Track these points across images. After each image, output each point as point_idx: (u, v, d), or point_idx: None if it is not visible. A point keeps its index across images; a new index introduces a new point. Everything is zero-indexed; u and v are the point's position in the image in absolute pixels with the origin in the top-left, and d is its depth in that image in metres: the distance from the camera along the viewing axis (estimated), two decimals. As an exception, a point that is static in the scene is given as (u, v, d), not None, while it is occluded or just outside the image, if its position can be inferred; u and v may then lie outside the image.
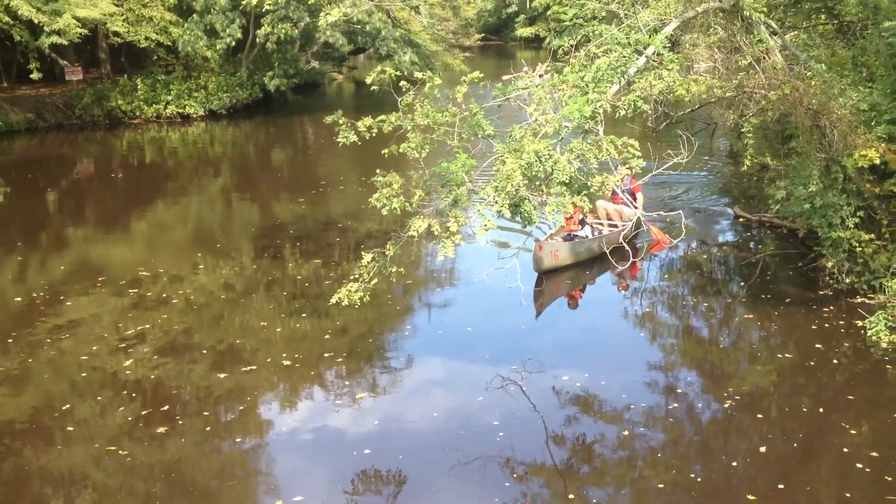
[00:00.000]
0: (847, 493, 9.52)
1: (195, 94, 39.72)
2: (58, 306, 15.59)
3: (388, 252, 12.50)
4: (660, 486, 9.76)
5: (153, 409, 11.75)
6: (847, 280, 14.83)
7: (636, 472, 10.16)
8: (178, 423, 11.40)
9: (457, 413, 11.66)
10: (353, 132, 12.55)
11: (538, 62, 25.89)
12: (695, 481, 9.83)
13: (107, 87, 38.76)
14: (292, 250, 19.27)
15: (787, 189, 15.25)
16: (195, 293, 16.28)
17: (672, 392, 12.11)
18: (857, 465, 9.97)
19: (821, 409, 11.41)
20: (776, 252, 17.82)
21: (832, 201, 14.31)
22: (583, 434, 10.99)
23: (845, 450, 10.34)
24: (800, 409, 11.46)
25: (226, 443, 11.10)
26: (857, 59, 16.18)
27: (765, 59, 14.68)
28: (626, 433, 10.96)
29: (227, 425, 11.53)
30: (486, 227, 12.03)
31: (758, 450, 10.47)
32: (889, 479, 9.62)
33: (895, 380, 12.23)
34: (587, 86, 12.89)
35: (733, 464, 10.20)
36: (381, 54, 42.17)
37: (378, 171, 12.41)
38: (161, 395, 12.22)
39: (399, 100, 12.62)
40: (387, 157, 12.72)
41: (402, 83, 12.65)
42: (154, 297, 16.08)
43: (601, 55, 13.50)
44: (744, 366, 13.18)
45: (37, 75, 34.14)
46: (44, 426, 11.43)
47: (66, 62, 37.88)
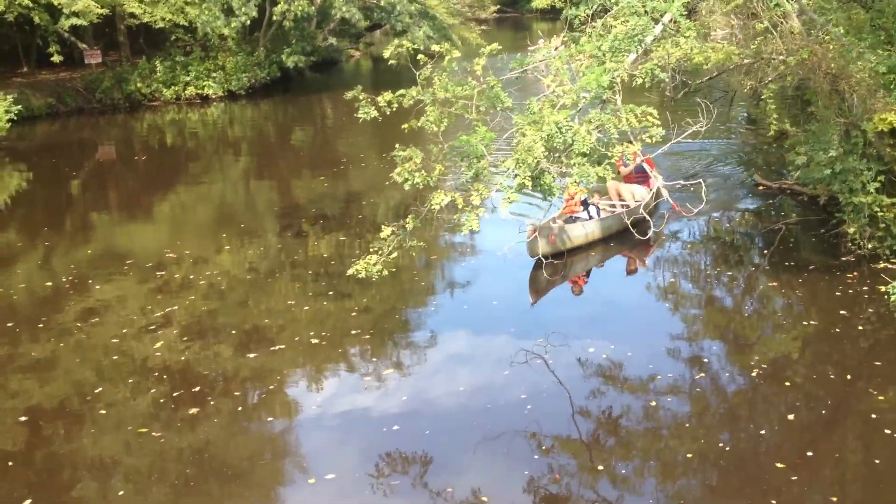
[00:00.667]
0: (876, 460, 9.54)
1: (213, 74, 39.72)
2: (85, 291, 15.74)
3: (408, 225, 12.53)
4: (688, 455, 9.80)
5: (182, 392, 11.88)
6: (869, 245, 14.75)
7: (663, 443, 10.20)
8: (207, 404, 11.51)
9: (483, 388, 11.73)
10: (374, 107, 12.58)
11: (554, 34, 25.76)
12: (723, 450, 9.87)
13: (126, 69, 38.83)
14: (315, 229, 19.36)
15: (807, 155, 15.18)
16: (220, 274, 16.40)
17: (697, 362, 12.13)
18: (886, 431, 9.96)
19: (847, 376, 11.40)
20: (798, 219, 17.76)
21: (852, 166, 14.22)
22: (609, 406, 11.04)
23: (873, 416, 10.34)
24: (826, 376, 11.47)
25: (255, 423, 11.23)
26: (875, 22, 16.00)
27: (782, 24, 14.59)
28: (652, 404, 11.00)
29: (256, 406, 11.65)
30: (509, 199, 12.05)
31: (785, 418, 10.51)
32: (917, 444, 9.64)
33: (920, 344, 12.22)
34: (604, 55, 12.84)
35: (761, 432, 10.22)
36: (398, 29, 42.04)
37: (398, 146, 12.44)
38: (189, 377, 12.34)
39: (417, 74, 12.62)
40: (406, 132, 12.73)
41: (420, 57, 12.65)
42: (180, 279, 16.21)
43: (618, 24, 13.43)
44: (768, 334, 13.18)
45: (57, 58, 34.21)
46: (74, 411, 11.57)
47: (85, 45, 37.95)
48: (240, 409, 11.50)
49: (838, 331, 12.70)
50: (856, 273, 14.39)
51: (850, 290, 13.84)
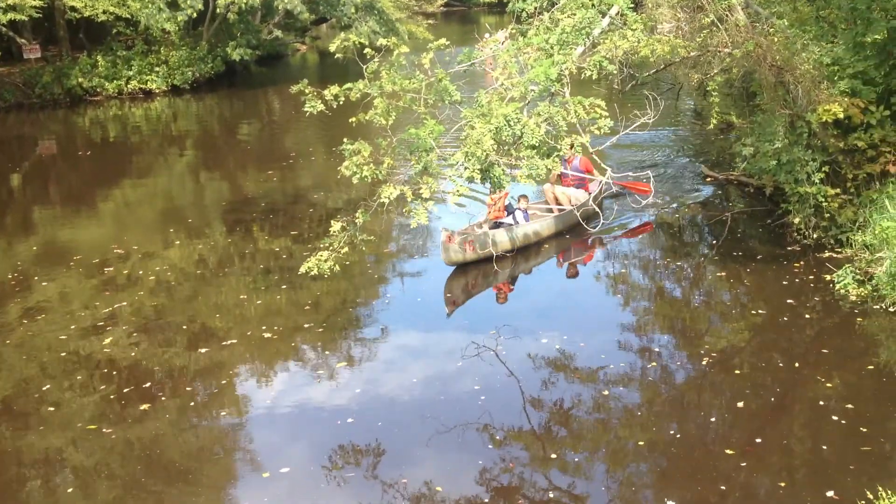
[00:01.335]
0: (823, 446, 9.67)
1: (156, 69, 39.18)
2: (29, 288, 15.45)
3: (357, 220, 12.50)
4: (639, 443, 9.89)
5: (131, 389, 11.71)
6: (814, 235, 14.97)
7: (614, 432, 10.26)
8: (157, 401, 11.36)
9: (435, 380, 11.72)
10: (320, 101, 12.50)
11: (499, 29, 25.81)
12: (673, 438, 9.95)
13: (66, 64, 38.13)
14: (264, 224, 19.19)
15: (752, 146, 15.35)
16: (168, 271, 16.17)
17: (648, 352, 12.22)
18: (833, 418, 10.11)
19: (796, 364, 11.56)
20: (744, 210, 17.97)
21: (797, 157, 14.41)
22: (561, 397, 11.07)
23: (821, 402, 10.49)
24: (774, 364, 11.61)
25: (206, 419, 11.11)
26: (819, 14, 16.22)
27: (728, 17, 14.71)
28: (605, 393, 11.09)
29: (207, 402, 11.51)
30: (458, 192, 12.05)
31: (734, 405, 10.62)
32: (864, 430, 9.77)
33: (864, 332, 12.41)
34: (552, 48, 12.88)
35: (711, 420, 10.35)
36: (344, 23, 41.80)
37: (346, 140, 12.37)
38: (138, 373, 12.16)
39: (364, 67, 12.56)
40: (354, 126, 12.69)
41: (367, 51, 12.59)
42: (126, 276, 15.97)
43: (564, 17, 13.47)
44: (717, 324, 13.32)
45: (-5, 53, 33.63)
46: (19, 409, 11.35)
47: (23, 40, 37.27)
48: (191, 404, 11.37)
49: (786, 319, 12.85)
50: (802, 262, 14.59)
51: (797, 280, 14.03)
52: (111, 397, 11.52)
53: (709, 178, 20.40)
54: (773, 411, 10.58)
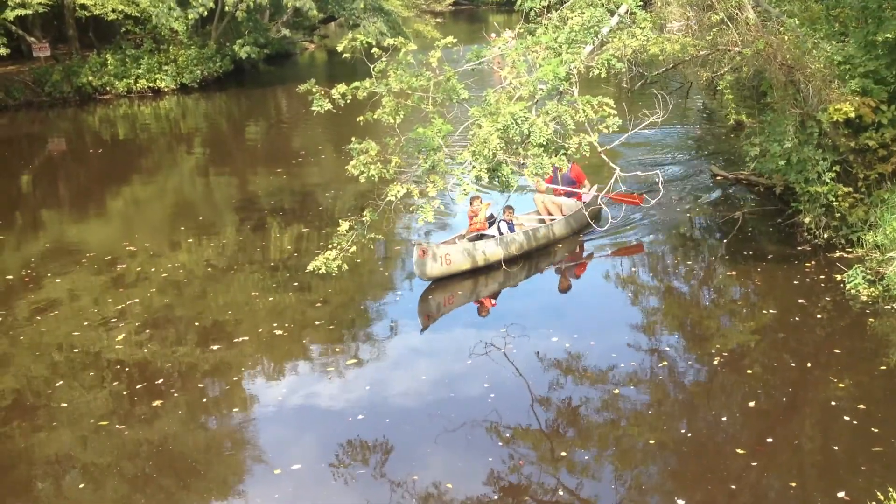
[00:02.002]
0: (834, 446, 9.62)
1: (165, 67, 39.23)
2: (39, 287, 15.46)
3: (365, 219, 12.49)
4: (650, 442, 9.85)
5: (141, 387, 11.71)
6: (825, 235, 14.89)
7: (623, 432, 10.21)
8: (166, 399, 11.35)
9: (444, 379, 11.70)
10: (328, 100, 12.47)
11: (507, 28, 25.73)
12: (683, 438, 9.92)
13: (76, 62, 38.19)
14: (273, 222, 19.19)
15: (762, 146, 15.27)
16: (178, 269, 16.17)
17: (659, 352, 12.18)
18: (845, 418, 10.05)
19: (807, 364, 11.51)
20: (754, 209, 17.89)
21: (808, 156, 14.33)
22: (570, 396, 11.05)
23: (832, 403, 10.44)
24: (786, 364, 11.55)
25: (216, 417, 11.12)
26: (829, 13, 16.14)
27: (737, 15, 14.63)
28: (615, 392, 11.04)
29: (216, 399, 11.53)
30: (465, 191, 12.01)
31: (746, 405, 10.58)
32: (875, 430, 9.71)
33: (876, 332, 12.34)
34: (560, 47, 12.82)
35: (721, 419, 10.29)
36: (352, 22, 41.79)
37: (353, 139, 12.34)
38: (148, 371, 12.16)
39: (372, 66, 12.54)
40: (362, 124, 12.67)
41: (374, 50, 12.56)
42: (137, 273, 15.98)
43: (574, 16, 13.41)
44: (728, 323, 13.26)
45: (4, 51, 33.60)
46: (29, 408, 11.35)
47: (33, 39, 37.33)
48: (201, 402, 11.39)
49: (797, 319, 12.79)
50: (812, 262, 14.51)
51: (808, 279, 13.95)
52: (122, 394, 11.53)
53: (718, 178, 20.31)
54: (784, 411, 10.53)
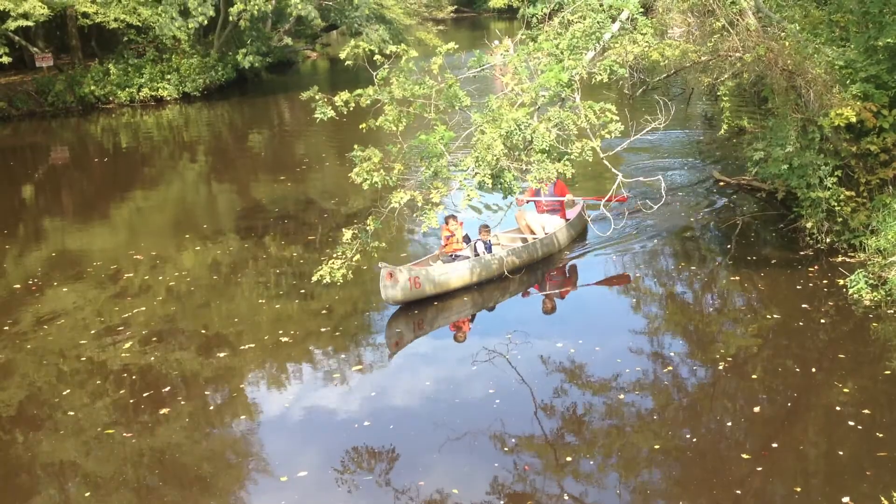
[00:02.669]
0: (839, 451, 9.60)
1: (168, 76, 39.37)
2: (43, 296, 15.48)
3: (368, 227, 12.50)
4: (655, 447, 9.85)
5: (145, 396, 11.71)
6: (827, 240, 14.88)
7: (627, 439, 10.20)
8: (171, 407, 11.36)
9: (448, 386, 11.72)
10: (330, 107, 12.51)
11: (512, 32, 25.79)
12: (688, 443, 9.92)
13: (79, 72, 38.33)
14: (277, 230, 19.22)
15: (764, 151, 15.28)
16: (181, 278, 16.19)
17: (663, 357, 12.19)
18: (849, 423, 10.04)
19: (812, 369, 11.51)
20: (757, 214, 17.91)
21: (810, 161, 14.34)
22: (574, 403, 11.04)
23: (837, 408, 10.43)
24: (790, 369, 11.55)
25: (220, 425, 11.12)
26: (830, 18, 16.16)
27: (738, 21, 14.66)
28: (620, 397, 11.05)
29: (221, 407, 11.53)
30: (468, 197, 12.03)
31: (750, 410, 10.57)
32: (880, 435, 9.71)
33: (879, 337, 12.33)
34: (562, 53, 12.86)
35: (726, 425, 10.30)
36: (354, 30, 41.88)
37: (356, 147, 12.37)
38: (152, 380, 12.18)
39: (374, 74, 12.57)
40: (365, 132, 12.69)
41: (377, 58, 12.60)
42: (141, 282, 16.00)
43: (575, 20, 13.45)
44: (732, 328, 13.27)
45: (6, 60, 33.71)
46: (35, 416, 11.37)
47: (35, 49, 37.44)
48: (206, 410, 11.41)
49: (800, 324, 12.80)
50: (815, 267, 14.52)
51: (811, 284, 13.96)
52: (127, 403, 11.54)
53: (721, 183, 20.32)
54: (788, 416, 10.52)
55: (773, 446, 9.74)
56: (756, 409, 10.55)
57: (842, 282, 13.72)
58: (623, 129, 12.42)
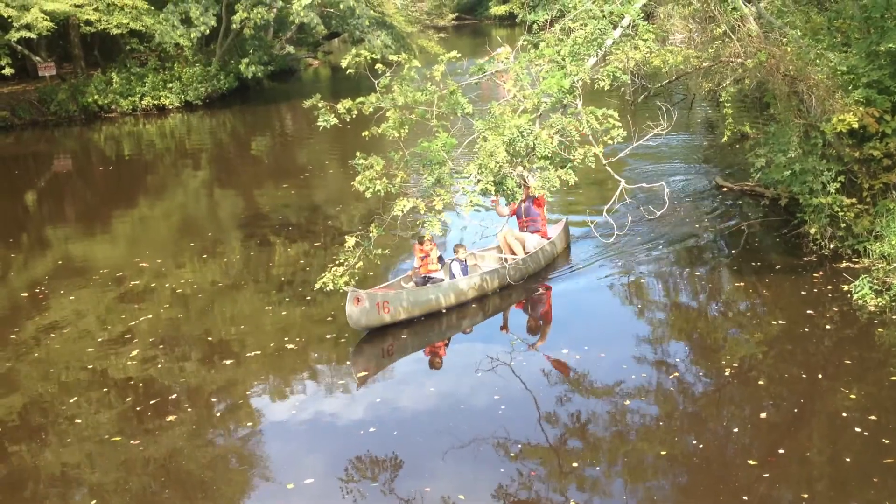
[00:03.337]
0: (846, 457, 9.59)
1: (170, 85, 39.39)
2: (47, 305, 15.49)
3: (371, 234, 12.49)
4: (661, 453, 9.85)
5: (150, 404, 11.70)
6: (831, 245, 14.88)
7: (632, 445, 10.18)
8: (176, 415, 11.36)
9: (453, 392, 11.72)
10: (333, 115, 12.51)
11: (514, 39, 25.77)
12: (694, 450, 9.92)
13: (81, 81, 38.37)
14: (280, 238, 19.23)
15: (766, 157, 15.28)
16: (185, 285, 16.19)
17: (668, 364, 12.18)
18: (855, 429, 10.04)
19: (818, 375, 11.50)
20: (760, 220, 17.89)
21: (812, 167, 14.34)
22: (580, 409, 11.03)
23: (843, 414, 10.42)
24: (796, 375, 11.53)
25: (228, 432, 11.12)
26: (832, 24, 16.18)
27: (740, 27, 14.68)
28: (626, 403, 11.06)
29: (225, 415, 11.54)
30: (471, 204, 12.01)
31: (756, 417, 10.56)
32: (887, 441, 9.70)
33: (884, 342, 12.33)
34: (563, 60, 12.85)
35: (732, 431, 10.29)
36: (355, 38, 41.92)
37: (358, 154, 12.37)
38: (157, 388, 12.18)
39: (376, 82, 12.58)
40: (367, 139, 12.70)
41: (378, 66, 12.60)
42: (146, 290, 16.01)
43: (576, 27, 13.45)
44: (737, 334, 13.25)
45: (9, 71, 33.70)
46: (38, 426, 11.35)
47: (38, 58, 37.49)
48: (210, 417, 11.41)
49: (805, 330, 12.79)
50: (819, 273, 14.51)
51: (815, 290, 13.95)
52: (131, 411, 11.54)
53: (724, 189, 20.32)
54: (794, 422, 10.51)
55: (780, 452, 9.73)
56: (762, 416, 10.54)
57: (846, 287, 13.71)
58: (625, 135, 12.40)
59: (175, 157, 31.46)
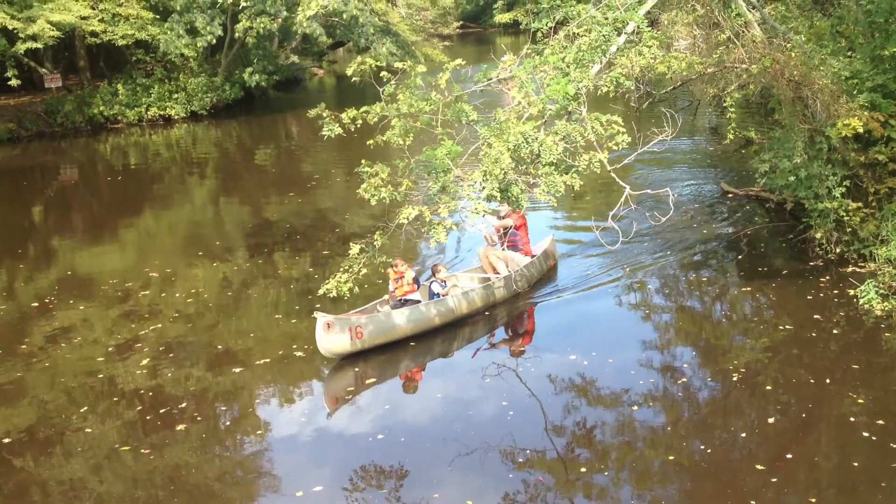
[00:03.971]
0: (853, 462, 9.59)
1: (175, 95, 39.53)
2: (53, 316, 15.52)
3: (376, 242, 12.51)
4: (669, 458, 9.85)
5: (157, 414, 11.72)
6: (837, 250, 14.88)
7: (639, 452, 10.18)
8: (187, 424, 11.38)
9: (459, 400, 11.74)
10: (338, 124, 12.54)
11: (518, 47, 25.80)
12: (702, 455, 9.92)
13: (87, 92, 38.51)
14: (287, 246, 19.27)
15: (771, 162, 15.28)
16: (193, 295, 16.22)
17: (675, 369, 12.19)
18: (863, 434, 10.04)
19: (826, 380, 11.49)
20: (765, 225, 17.90)
21: (817, 172, 14.34)
22: (587, 415, 11.04)
23: (850, 419, 10.42)
24: (803, 380, 11.53)
25: (236, 440, 11.15)
26: (835, 29, 16.19)
27: (744, 33, 14.69)
28: (633, 409, 11.07)
29: (232, 424, 11.56)
30: (477, 210, 12.02)
31: (764, 421, 10.56)
32: (894, 446, 9.70)
33: (891, 347, 12.36)
34: (568, 66, 12.87)
35: (740, 436, 10.29)
36: (360, 46, 42.04)
37: (363, 162, 12.40)
38: (163, 398, 12.19)
39: (381, 90, 12.60)
40: (372, 147, 12.72)
41: (383, 74, 12.63)
42: (152, 301, 16.03)
43: (581, 33, 13.48)
44: (744, 340, 13.25)
45: (15, 82, 33.82)
46: (42, 438, 11.35)
47: (44, 70, 37.63)
48: (217, 427, 11.43)
49: (812, 335, 12.79)
50: (825, 277, 14.51)
51: (821, 295, 13.95)
52: (140, 421, 11.55)
53: (729, 194, 20.33)
54: (801, 427, 10.51)
55: (788, 457, 9.73)
56: (769, 421, 10.53)
57: (852, 292, 13.71)
58: (630, 141, 12.41)
59: (181, 167, 31.55)
